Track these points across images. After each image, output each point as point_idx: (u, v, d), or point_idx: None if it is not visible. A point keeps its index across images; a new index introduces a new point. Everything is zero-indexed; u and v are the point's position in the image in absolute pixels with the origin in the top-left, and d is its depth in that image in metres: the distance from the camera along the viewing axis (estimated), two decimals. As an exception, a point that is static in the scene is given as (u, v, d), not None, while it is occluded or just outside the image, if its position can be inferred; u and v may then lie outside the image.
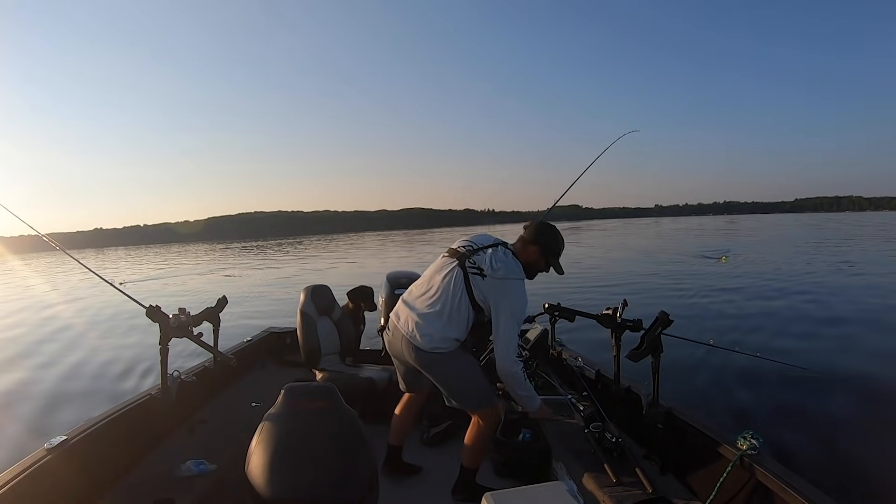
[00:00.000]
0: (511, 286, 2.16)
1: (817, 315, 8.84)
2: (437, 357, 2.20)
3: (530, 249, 2.28)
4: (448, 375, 2.25)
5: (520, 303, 2.16)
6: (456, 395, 2.28)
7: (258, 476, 1.50)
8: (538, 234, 2.30)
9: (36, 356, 7.73)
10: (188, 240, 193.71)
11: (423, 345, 2.18)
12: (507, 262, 2.19)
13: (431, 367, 2.23)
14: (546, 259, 2.29)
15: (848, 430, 4.14)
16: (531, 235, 2.30)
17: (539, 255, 2.28)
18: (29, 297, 16.20)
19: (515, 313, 2.15)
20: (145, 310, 2.41)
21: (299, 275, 20.01)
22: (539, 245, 2.28)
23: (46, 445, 1.87)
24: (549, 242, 2.29)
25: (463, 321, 2.19)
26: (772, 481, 1.71)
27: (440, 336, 2.18)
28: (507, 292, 2.15)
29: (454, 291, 2.18)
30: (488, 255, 2.20)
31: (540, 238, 2.29)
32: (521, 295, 2.17)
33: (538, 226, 2.32)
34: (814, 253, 20.43)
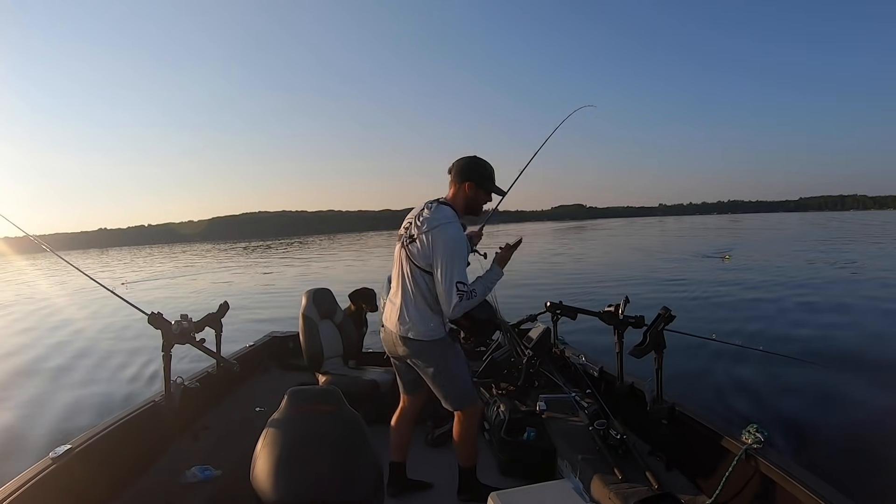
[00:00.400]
0: (439, 231, 2.13)
1: (821, 309, 8.84)
2: (424, 345, 2.20)
3: (464, 187, 2.24)
4: (433, 365, 2.23)
5: (452, 241, 2.12)
6: (439, 388, 2.26)
7: (263, 480, 1.50)
8: (464, 169, 2.25)
9: (38, 366, 7.72)
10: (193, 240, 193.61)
11: (406, 333, 2.19)
12: (432, 214, 2.17)
13: (419, 356, 2.23)
14: (483, 188, 2.26)
15: (853, 423, 4.14)
16: (458, 175, 2.26)
17: (474, 188, 2.25)
18: (30, 304, 16.20)
19: (450, 252, 2.10)
20: (147, 317, 2.42)
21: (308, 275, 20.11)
22: (471, 179, 2.24)
23: (51, 455, 1.87)
24: (478, 171, 2.26)
25: (431, 297, 2.17)
26: (777, 475, 1.71)
27: (419, 322, 2.18)
28: (437, 238, 2.12)
29: (408, 272, 2.20)
30: (417, 219, 2.20)
31: (468, 173, 2.25)
32: (452, 234, 2.13)
33: (461, 162, 2.27)
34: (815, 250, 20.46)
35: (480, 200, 2.28)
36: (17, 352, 8.88)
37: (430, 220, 2.15)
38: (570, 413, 2.80)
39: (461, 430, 2.32)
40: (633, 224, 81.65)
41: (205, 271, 26.06)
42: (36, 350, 8.84)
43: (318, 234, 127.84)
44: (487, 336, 3.56)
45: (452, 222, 2.16)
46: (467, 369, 2.33)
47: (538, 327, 3.33)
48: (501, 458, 2.74)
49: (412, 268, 2.17)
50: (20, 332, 10.99)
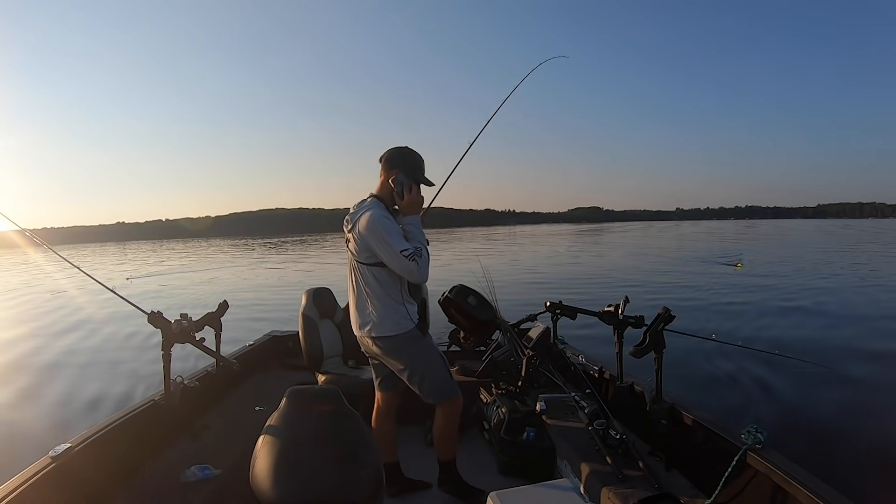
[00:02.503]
0: (361, 220, 2.15)
1: (821, 310, 8.85)
2: (391, 342, 2.20)
3: (391, 176, 2.24)
4: (403, 361, 2.23)
5: (374, 221, 2.11)
6: (415, 384, 2.26)
7: (263, 480, 1.50)
8: (392, 159, 2.26)
9: (38, 363, 7.72)
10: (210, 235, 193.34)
11: (370, 332, 2.21)
12: (355, 209, 2.22)
13: (389, 353, 2.23)
14: (412, 175, 2.24)
15: (853, 424, 4.14)
16: (387, 165, 2.26)
17: (404, 175, 2.23)
18: (31, 301, 16.20)
19: (377, 230, 2.10)
20: (147, 315, 2.42)
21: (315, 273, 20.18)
22: (399, 167, 2.23)
23: (50, 453, 1.87)
24: (404, 159, 2.26)
25: (383, 288, 2.18)
26: (777, 475, 1.71)
27: (381, 317, 2.18)
28: (362, 227, 2.13)
29: (356, 271, 2.22)
30: (347, 220, 2.24)
31: (396, 161, 2.25)
32: (371, 216, 2.12)
33: (389, 152, 2.28)
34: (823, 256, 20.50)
35: (401, 188, 2.24)
36: (16, 349, 8.88)
37: (353, 216, 2.21)
38: (569, 413, 2.79)
39: (441, 424, 2.34)
40: (649, 228, 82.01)
41: (215, 268, 26.15)
42: (36, 348, 8.84)
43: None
44: (487, 336, 3.56)
45: (372, 207, 2.17)
46: (442, 361, 2.31)
47: (538, 327, 3.33)
48: (501, 457, 2.74)
49: (358, 265, 2.21)
50: (20, 329, 10.99)
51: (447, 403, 2.31)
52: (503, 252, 18.62)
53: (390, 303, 2.20)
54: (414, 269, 2.08)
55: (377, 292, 2.19)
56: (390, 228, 2.13)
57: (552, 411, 2.86)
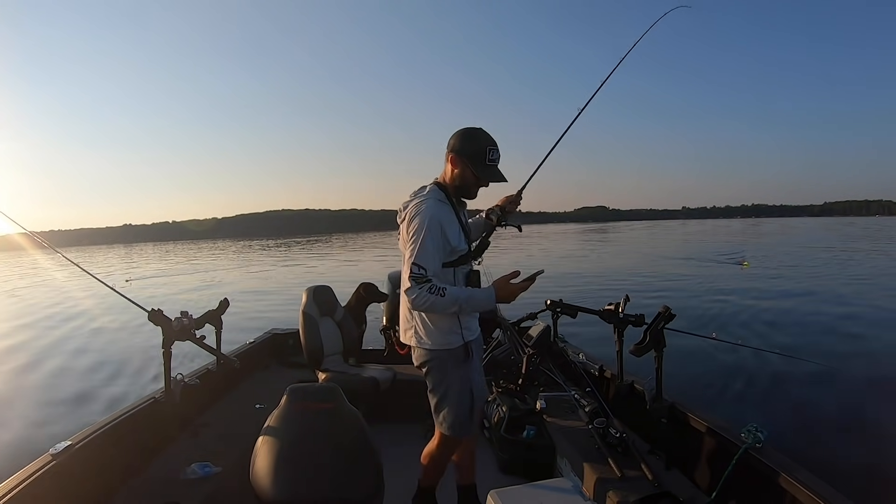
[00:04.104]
0: (410, 210, 1.85)
1: (821, 309, 8.84)
2: (427, 354, 1.93)
3: (449, 160, 1.90)
4: (433, 380, 1.97)
5: (419, 216, 1.81)
6: (434, 405, 2.00)
7: (263, 478, 1.51)
8: (450, 140, 1.90)
9: (38, 361, 7.73)
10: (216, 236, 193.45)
11: (409, 339, 1.98)
12: (412, 195, 1.92)
13: (422, 364, 1.98)
14: (469, 164, 1.86)
15: (853, 423, 4.14)
16: (448, 147, 1.90)
17: (459, 163, 1.87)
18: (32, 300, 16.22)
19: (414, 228, 1.80)
20: (147, 313, 2.42)
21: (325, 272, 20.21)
22: (453, 151, 1.88)
23: (51, 451, 1.87)
24: (460, 144, 1.87)
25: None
26: (777, 474, 1.71)
27: (422, 324, 1.91)
28: (408, 215, 1.85)
29: (403, 267, 1.89)
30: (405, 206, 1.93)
31: (450, 143, 1.89)
32: (422, 209, 1.82)
33: (455, 133, 1.91)
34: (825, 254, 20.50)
35: (468, 180, 1.89)
36: (17, 348, 8.90)
37: (406, 204, 1.90)
38: (569, 411, 2.80)
39: (434, 451, 2.09)
40: (656, 226, 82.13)
41: (221, 268, 26.19)
42: (36, 346, 8.86)
43: (341, 233, 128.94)
44: (487, 334, 3.56)
45: (428, 198, 1.86)
46: (471, 396, 1.97)
47: (538, 325, 3.33)
48: (501, 455, 2.74)
49: (405, 262, 1.89)
50: (21, 327, 11.00)
51: (449, 438, 2.04)
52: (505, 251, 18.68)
53: (432, 326, 1.90)
54: (407, 289, 1.79)
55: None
56: (430, 232, 1.80)
57: (552, 410, 2.86)
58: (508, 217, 2.18)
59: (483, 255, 2.06)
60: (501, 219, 2.17)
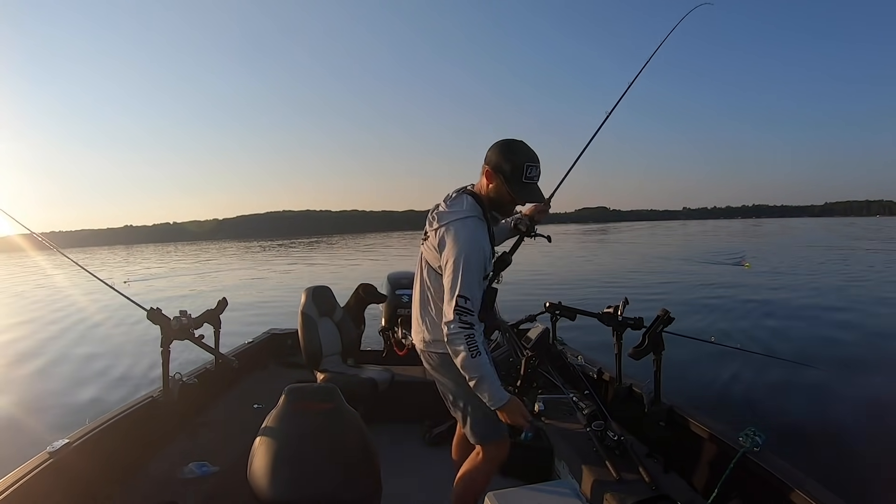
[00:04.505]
0: (450, 228, 1.73)
1: (820, 314, 8.85)
2: (443, 358, 1.83)
3: (485, 174, 1.78)
4: (451, 384, 1.87)
5: (463, 244, 1.69)
6: (458, 413, 1.90)
7: (260, 478, 1.51)
8: (489, 152, 1.77)
9: (37, 359, 7.73)
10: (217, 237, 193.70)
11: (423, 344, 1.91)
12: (448, 206, 1.79)
13: (437, 370, 1.90)
14: (505, 183, 1.73)
15: (851, 427, 4.14)
16: (486, 158, 1.78)
17: (495, 178, 1.75)
18: (32, 298, 16.21)
19: (457, 256, 1.68)
20: (146, 312, 2.42)
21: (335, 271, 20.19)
22: (489, 165, 1.76)
23: (48, 449, 1.87)
24: (497, 158, 1.74)
25: (439, 301, 1.81)
26: (775, 478, 1.71)
27: (436, 329, 1.83)
28: (447, 237, 1.72)
29: (424, 272, 1.85)
30: (434, 212, 1.82)
31: (487, 156, 1.77)
32: (464, 235, 1.70)
33: (495, 144, 1.79)
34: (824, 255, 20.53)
35: (503, 198, 1.78)
36: (16, 345, 8.89)
37: (443, 215, 1.77)
38: (568, 414, 2.80)
39: (473, 470, 1.90)
40: (657, 227, 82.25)
41: (221, 269, 26.20)
42: (35, 344, 8.86)
43: (342, 234, 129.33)
44: (486, 336, 3.56)
45: (469, 217, 1.74)
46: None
47: (537, 327, 3.32)
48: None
49: (427, 268, 1.83)
50: (21, 325, 10.99)
51: (488, 446, 1.86)
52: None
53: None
54: (450, 321, 1.68)
55: (438, 303, 1.82)
56: (474, 261, 1.70)
57: (551, 412, 2.86)
58: (537, 227, 2.07)
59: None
60: (531, 229, 2.05)
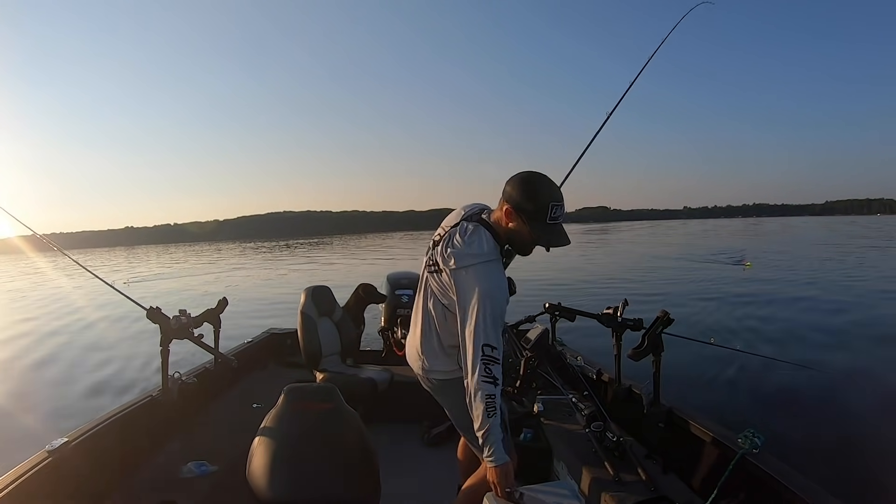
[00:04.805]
0: (470, 273, 1.59)
1: (819, 315, 8.84)
2: (443, 384, 1.80)
3: (504, 211, 1.63)
4: (454, 406, 1.79)
5: (486, 291, 1.56)
6: (465, 432, 1.83)
7: (259, 477, 1.51)
8: (507, 186, 1.62)
9: (37, 358, 7.74)
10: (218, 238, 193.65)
11: (421, 371, 1.83)
12: (465, 245, 1.62)
13: (439, 393, 1.85)
14: (527, 223, 1.59)
15: (850, 428, 4.14)
16: (504, 191, 1.63)
17: (516, 218, 1.60)
18: (32, 298, 16.22)
19: (483, 307, 1.54)
20: (146, 311, 2.42)
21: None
22: (509, 203, 1.60)
23: (47, 448, 1.87)
24: (518, 196, 1.59)
25: (448, 336, 1.73)
26: (774, 480, 1.71)
27: (434, 360, 1.79)
28: (465, 283, 1.58)
29: (429, 302, 1.75)
30: (446, 246, 1.65)
31: (507, 192, 1.62)
32: (486, 285, 1.57)
33: (513, 179, 1.63)
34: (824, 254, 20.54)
35: (524, 237, 1.63)
36: (16, 344, 8.89)
37: (461, 255, 1.60)
38: (567, 415, 2.80)
39: (479, 485, 1.81)
40: (656, 227, 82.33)
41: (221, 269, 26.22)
42: (35, 343, 8.86)
43: (342, 234, 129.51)
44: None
45: (488, 261, 1.60)
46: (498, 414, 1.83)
47: (537, 328, 3.32)
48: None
49: (434, 299, 1.73)
50: (21, 325, 10.99)
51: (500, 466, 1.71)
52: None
53: (445, 355, 1.77)
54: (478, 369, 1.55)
55: (441, 336, 1.75)
56: (497, 309, 1.58)
57: (550, 413, 2.86)
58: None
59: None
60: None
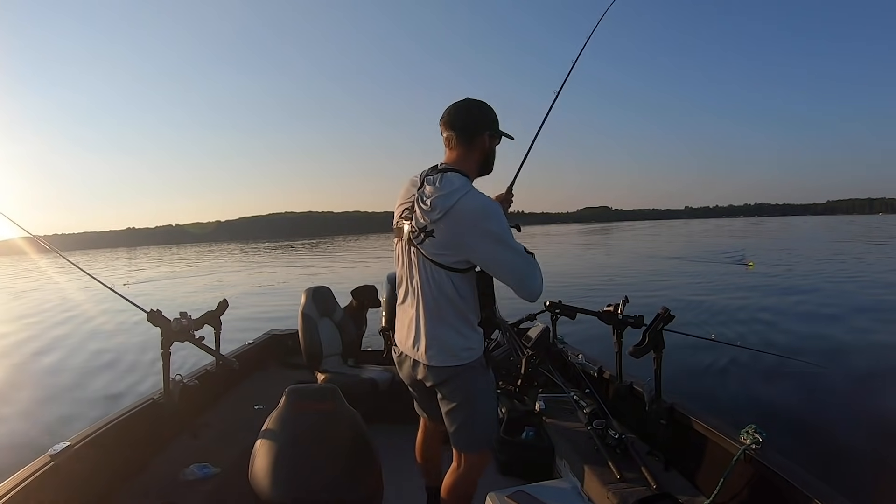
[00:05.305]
0: (478, 207, 1.61)
1: (820, 311, 8.85)
2: (454, 371, 1.74)
3: (477, 142, 1.73)
4: (460, 396, 1.77)
5: (496, 214, 1.63)
6: (457, 422, 1.80)
7: (262, 479, 1.51)
8: (479, 118, 1.74)
9: (37, 362, 7.73)
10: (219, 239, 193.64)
11: (430, 359, 1.73)
12: (442, 189, 1.63)
13: (446, 383, 1.77)
14: (498, 135, 1.79)
15: (852, 424, 4.14)
16: (473, 127, 1.72)
17: (489, 138, 1.76)
18: (33, 300, 16.22)
19: (498, 229, 1.61)
20: (146, 314, 2.41)
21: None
22: (489, 128, 1.75)
23: (50, 452, 1.87)
24: (491, 116, 1.76)
25: (463, 304, 1.72)
26: (776, 475, 1.71)
27: (450, 341, 1.72)
28: (479, 216, 1.60)
29: (428, 276, 1.68)
30: (421, 204, 1.65)
31: (484, 120, 1.75)
32: (482, 203, 1.63)
33: (470, 111, 1.74)
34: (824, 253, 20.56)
35: (492, 153, 1.80)
36: (17, 348, 8.89)
37: (442, 199, 1.60)
38: (568, 412, 2.80)
39: (461, 479, 1.85)
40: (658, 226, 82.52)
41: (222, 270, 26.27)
42: (36, 346, 8.86)
43: (344, 235, 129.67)
44: (486, 335, 3.56)
45: (469, 190, 1.65)
46: (496, 405, 1.92)
47: (537, 326, 3.33)
48: (500, 457, 2.74)
49: (433, 269, 1.66)
50: (21, 328, 10.99)
51: (478, 455, 1.84)
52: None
53: (466, 324, 1.74)
54: (540, 282, 1.66)
55: (455, 308, 1.70)
56: (505, 223, 1.65)
57: (551, 411, 2.86)
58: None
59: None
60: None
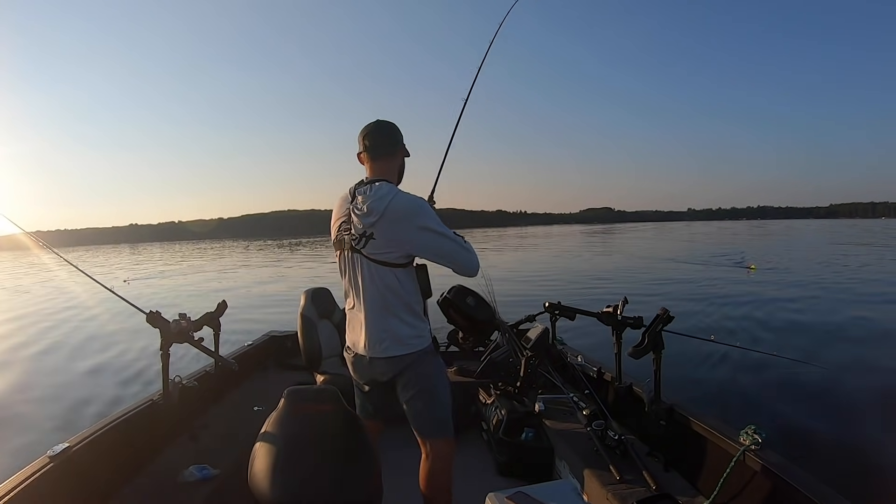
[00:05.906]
0: (411, 205, 1.80)
1: (819, 312, 8.86)
2: (410, 359, 1.83)
3: (398, 154, 1.95)
4: (419, 381, 1.86)
5: (428, 210, 1.82)
6: (420, 408, 1.87)
7: (261, 480, 1.50)
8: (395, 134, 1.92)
9: (36, 363, 7.72)
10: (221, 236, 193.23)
11: (385, 352, 1.83)
12: (374, 195, 1.79)
13: (404, 371, 1.85)
14: (404, 149, 1.98)
15: (851, 424, 4.14)
16: (391, 143, 1.91)
17: (402, 151, 1.97)
18: (30, 300, 16.19)
19: (433, 223, 1.79)
20: (146, 315, 2.41)
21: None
22: (401, 142, 1.95)
23: (49, 453, 1.87)
24: (399, 133, 1.95)
25: (409, 296, 1.83)
26: (775, 476, 1.71)
27: (400, 331, 1.82)
28: (414, 214, 1.78)
29: (373, 275, 1.81)
30: (357, 212, 1.81)
31: (398, 137, 1.93)
32: (411, 199, 1.81)
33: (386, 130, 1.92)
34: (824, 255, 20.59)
35: (402, 166, 2.01)
36: (15, 349, 8.87)
37: (377, 204, 1.76)
38: (568, 414, 2.80)
39: (435, 469, 1.89)
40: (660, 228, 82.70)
41: (222, 270, 26.26)
42: (34, 347, 8.83)
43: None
44: (486, 336, 3.57)
45: (398, 192, 1.83)
46: (450, 388, 1.97)
47: (537, 327, 3.33)
48: (499, 458, 2.74)
49: (376, 268, 1.80)
50: (19, 328, 10.97)
51: (444, 441, 1.90)
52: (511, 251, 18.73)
53: (412, 314, 1.84)
54: (475, 259, 1.85)
55: (400, 300, 1.81)
56: (434, 214, 1.84)
57: (551, 412, 2.86)
58: None
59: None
60: None
